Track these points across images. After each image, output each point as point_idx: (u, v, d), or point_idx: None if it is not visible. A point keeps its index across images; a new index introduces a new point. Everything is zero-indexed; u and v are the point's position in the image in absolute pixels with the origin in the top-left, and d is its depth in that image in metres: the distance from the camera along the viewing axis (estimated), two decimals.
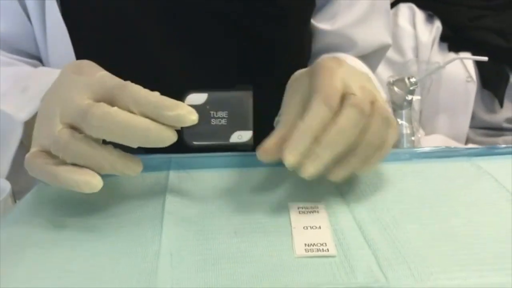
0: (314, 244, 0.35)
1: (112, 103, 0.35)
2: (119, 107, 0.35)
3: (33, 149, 0.38)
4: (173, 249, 0.35)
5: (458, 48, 1.02)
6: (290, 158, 0.36)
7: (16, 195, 0.46)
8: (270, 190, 0.43)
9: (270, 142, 0.39)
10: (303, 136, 0.36)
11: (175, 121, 0.35)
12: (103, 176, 0.36)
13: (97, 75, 0.37)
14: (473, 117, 1.04)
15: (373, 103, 0.39)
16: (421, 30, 1.06)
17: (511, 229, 0.38)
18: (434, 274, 0.33)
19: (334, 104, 0.37)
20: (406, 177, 0.46)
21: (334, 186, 0.43)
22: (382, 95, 0.45)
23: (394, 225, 0.38)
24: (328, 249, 0.35)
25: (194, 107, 0.36)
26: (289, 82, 0.45)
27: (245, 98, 0.37)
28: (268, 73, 0.59)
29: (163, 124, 0.34)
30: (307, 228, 0.37)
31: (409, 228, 0.38)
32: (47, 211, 0.40)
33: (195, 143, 0.37)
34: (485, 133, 1.05)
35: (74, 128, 0.36)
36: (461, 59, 0.78)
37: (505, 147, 0.52)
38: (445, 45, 1.05)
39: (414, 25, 1.07)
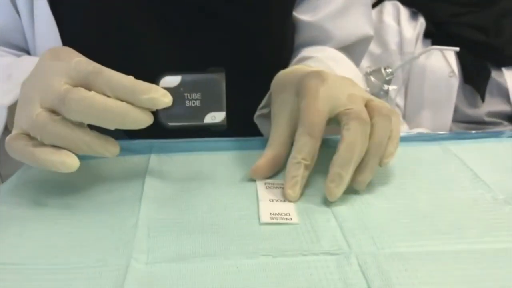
0: (278, 213, 0.37)
1: (88, 88, 0.36)
2: (96, 91, 0.36)
3: (13, 132, 0.40)
4: (150, 222, 0.37)
5: (441, 43, 1.05)
6: (291, 194, 0.40)
7: (4, 178, 0.48)
8: (243, 171, 0.45)
9: (261, 163, 0.43)
10: (295, 170, 0.40)
11: (149, 104, 0.36)
12: (86, 159, 0.38)
13: (74, 61, 0.38)
14: (456, 111, 1.06)
15: (366, 105, 0.42)
16: (405, 27, 1.08)
17: (471, 203, 0.40)
18: (395, 242, 0.35)
19: (318, 134, 0.41)
20: None
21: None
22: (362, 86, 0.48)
23: (361, 201, 0.40)
24: (291, 218, 0.37)
25: (169, 89, 0.37)
26: (273, 85, 0.48)
27: (218, 80, 0.39)
28: (252, 64, 0.61)
29: (139, 107, 0.36)
30: (272, 201, 0.39)
31: (375, 204, 0.40)
32: (30, 191, 0.42)
33: (170, 124, 0.39)
34: (467, 127, 1.07)
35: (53, 112, 0.38)
36: (434, 49, 0.80)
37: (474, 133, 0.54)
38: (428, 41, 1.07)
39: (398, 22, 1.09)
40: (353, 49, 0.69)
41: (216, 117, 0.39)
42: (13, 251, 0.34)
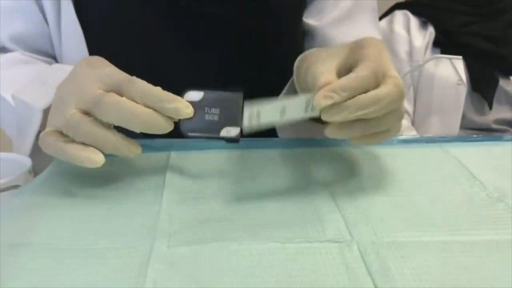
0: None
1: (120, 94, 0.41)
2: (126, 97, 0.40)
3: (47, 129, 0.44)
4: (172, 210, 0.41)
5: (449, 52, 1.08)
6: (321, 102, 0.38)
7: (37, 173, 0.52)
8: (260, 169, 0.49)
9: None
10: (344, 89, 0.38)
11: (173, 113, 0.40)
12: (112, 156, 0.42)
13: (107, 69, 0.43)
14: (464, 118, 1.09)
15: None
16: (415, 36, 1.11)
17: (466, 200, 0.43)
18: (393, 232, 0.38)
19: (380, 78, 0.40)
20: (382, 159, 0.51)
21: (314, 166, 0.49)
22: None
23: (364, 197, 0.44)
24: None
25: (191, 103, 0.42)
26: (300, 59, 0.50)
27: (236, 99, 0.43)
28: (262, 71, 0.64)
29: (163, 115, 0.40)
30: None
31: (377, 199, 0.43)
32: (62, 183, 0.46)
33: (189, 134, 0.43)
34: (475, 134, 1.10)
35: (85, 113, 0.42)
36: (439, 58, 0.83)
37: (475, 137, 0.58)
38: (437, 50, 1.11)
39: (408, 31, 1.13)
40: None
41: (231, 131, 0.43)
42: (48, 233, 0.38)
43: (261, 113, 0.39)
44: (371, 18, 0.69)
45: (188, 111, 0.41)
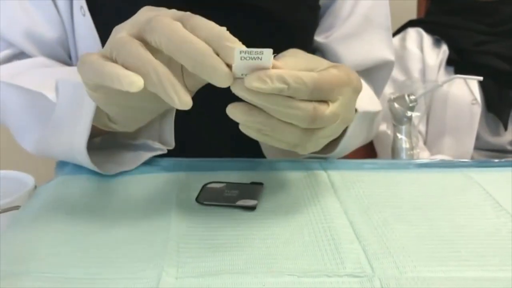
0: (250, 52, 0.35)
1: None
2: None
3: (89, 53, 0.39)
4: (180, 238, 0.39)
5: (463, 71, 1.05)
6: (253, 83, 0.35)
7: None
8: (273, 194, 0.47)
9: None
10: (281, 80, 0.36)
11: (229, 53, 0.34)
12: (121, 176, 0.39)
13: (162, 11, 0.38)
14: (478, 138, 1.06)
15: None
16: (428, 54, 1.09)
17: (493, 231, 0.41)
18: (417, 266, 0.36)
19: (316, 98, 0.38)
20: (401, 184, 0.49)
21: (330, 188, 0.47)
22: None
23: (384, 225, 0.41)
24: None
25: (213, 189, 0.45)
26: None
27: (256, 190, 0.45)
28: None
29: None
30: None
31: (398, 228, 0.41)
32: (64, 205, 0.44)
33: (205, 202, 0.44)
34: (489, 155, 1.07)
35: (137, 38, 0.37)
36: (458, 78, 0.81)
37: (497, 161, 0.55)
38: (451, 69, 1.08)
39: (421, 49, 1.11)
40: (372, 74, 0.68)
41: (248, 202, 0.44)
42: (50, 261, 0.36)
43: (261, 61, 0.35)
44: (383, 37, 0.67)
45: (229, 82, 0.35)
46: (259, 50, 0.35)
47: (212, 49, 0.35)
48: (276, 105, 0.37)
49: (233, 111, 0.37)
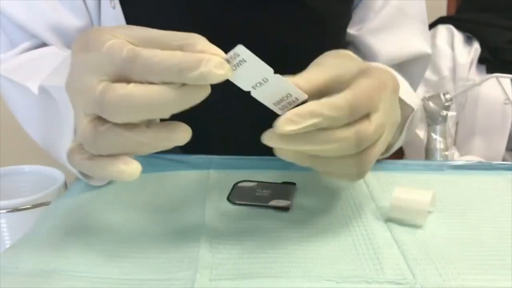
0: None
1: (129, 78, 0.31)
2: (137, 80, 0.31)
3: (72, 144, 0.36)
4: (212, 239, 0.38)
5: (496, 70, 1.02)
6: (284, 127, 0.33)
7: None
8: (302, 193, 0.45)
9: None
10: (310, 117, 0.33)
11: (201, 81, 0.30)
12: (148, 172, 0.38)
13: (104, 49, 0.32)
14: (510, 139, 1.03)
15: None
16: (459, 52, 1.06)
17: None
18: (461, 275, 0.34)
19: (360, 114, 0.35)
20: (438, 186, 0.47)
21: (365, 189, 0.45)
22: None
23: (423, 229, 0.40)
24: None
25: (244, 188, 0.44)
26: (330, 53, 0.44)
27: (289, 190, 0.44)
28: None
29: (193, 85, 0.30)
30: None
31: (438, 233, 0.39)
32: (95, 203, 0.44)
33: (237, 202, 0.43)
34: None
35: (98, 118, 0.33)
36: (497, 77, 0.78)
37: None
38: (483, 67, 1.05)
39: (452, 47, 1.08)
40: (408, 68, 0.65)
41: (281, 202, 0.43)
42: (81, 260, 0.36)
43: (248, 61, 0.31)
44: (418, 29, 0.65)
45: (221, 72, 0.30)
46: (263, 76, 0.32)
47: (177, 90, 0.30)
48: (314, 145, 0.34)
49: (274, 140, 0.34)
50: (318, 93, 0.36)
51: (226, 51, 0.32)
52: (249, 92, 0.33)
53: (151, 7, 0.57)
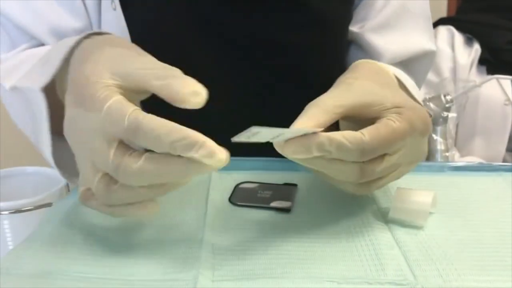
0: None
1: (133, 142, 0.33)
2: (142, 146, 0.33)
3: (82, 188, 0.37)
4: (215, 240, 0.38)
5: (496, 71, 1.03)
6: (289, 155, 0.34)
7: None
8: (303, 194, 0.46)
9: (301, 121, 0.36)
10: (317, 150, 0.34)
11: (200, 160, 0.32)
12: None
13: (103, 114, 0.33)
14: (510, 140, 1.03)
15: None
16: (459, 52, 1.07)
17: None
18: (462, 275, 0.34)
19: (367, 158, 0.35)
20: (438, 187, 0.47)
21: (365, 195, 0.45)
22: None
23: (424, 230, 0.40)
24: None
25: (245, 189, 0.45)
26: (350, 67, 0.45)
27: (290, 191, 0.44)
28: (301, 81, 0.60)
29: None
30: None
31: (438, 234, 0.39)
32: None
33: (239, 203, 0.44)
34: None
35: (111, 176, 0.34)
36: (498, 78, 0.78)
37: None
38: (483, 68, 1.06)
39: (452, 47, 1.08)
40: (412, 66, 0.64)
41: (282, 204, 0.43)
42: (83, 261, 0.36)
43: (259, 133, 0.33)
44: (421, 26, 0.64)
45: (222, 157, 0.32)
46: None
47: (185, 164, 0.32)
48: (317, 167, 0.36)
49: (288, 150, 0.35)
50: (344, 116, 0.37)
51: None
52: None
53: (151, 9, 0.57)
